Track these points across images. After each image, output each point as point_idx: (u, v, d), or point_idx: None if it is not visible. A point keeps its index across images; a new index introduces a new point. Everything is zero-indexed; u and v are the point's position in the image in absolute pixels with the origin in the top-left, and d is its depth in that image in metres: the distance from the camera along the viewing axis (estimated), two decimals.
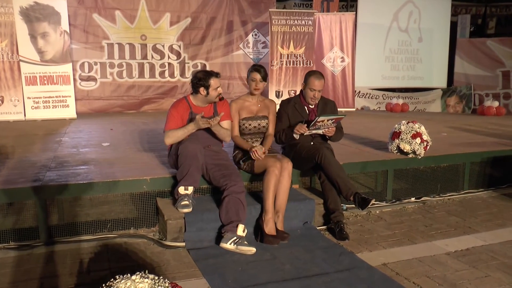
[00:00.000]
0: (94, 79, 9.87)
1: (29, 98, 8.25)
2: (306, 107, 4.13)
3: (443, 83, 13.64)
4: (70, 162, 4.35)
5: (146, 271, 2.04)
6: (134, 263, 3.15)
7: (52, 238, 3.49)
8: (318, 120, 3.83)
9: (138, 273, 2.00)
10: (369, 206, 3.64)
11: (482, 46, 13.47)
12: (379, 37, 12.52)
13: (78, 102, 9.26)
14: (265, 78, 3.86)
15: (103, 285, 1.98)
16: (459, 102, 13.69)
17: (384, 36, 12.57)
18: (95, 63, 9.88)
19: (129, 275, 1.99)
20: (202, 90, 3.72)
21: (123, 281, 1.95)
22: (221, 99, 3.82)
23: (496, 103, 10.89)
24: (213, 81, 3.70)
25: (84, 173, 3.87)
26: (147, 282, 1.95)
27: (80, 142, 5.69)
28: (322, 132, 3.99)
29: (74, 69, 9.27)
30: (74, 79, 9.30)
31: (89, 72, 9.83)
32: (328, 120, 3.91)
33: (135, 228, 3.73)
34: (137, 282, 1.94)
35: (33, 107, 8.30)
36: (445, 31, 13.27)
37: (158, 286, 1.95)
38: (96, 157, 4.65)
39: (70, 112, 8.51)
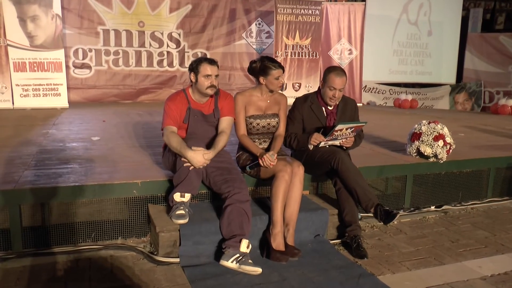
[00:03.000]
0: (89, 67, 9.39)
1: (17, 85, 7.76)
2: (324, 109, 3.61)
3: (452, 79, 13.22)
4: (53, 160, 3.87)
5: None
6: (120, 284, 2.68)
7: (27, 249, 3.02)
8: (336, 129, 3.36)
9: None
10: (393, 221, 3.17)
11: (494, 42, 13.01)
12: (388, 30, 12.07)
13: (71, 91, 8.81)
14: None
15: None
16: (468, 99, 13.28)
17: (393, 28, 12.12)
18: (90, 50, 9.39)
19: None
20: (192, 76, 3.24)
21: None
22: (217, 93, 3.32)
23: (511, 101, 10.41)
24: (204, 67, 3.19)
25: (67, 174, 3.40)
26: None
27: (69, 135, 5.21)
28: (340, 143, 3.51)
29: (67, 56, 8.80)
30: (67, 67, 8.83)
31: (83, 59, 9.35)
32: (347, 129, 3.43)
33: (123, 238, 3.27)
34: None
35: (22, 95, 7.81)
36: (455, 25, 12.83)
37: None
38: (83, 154, 4.17)
39: (61, 101, 8.02)
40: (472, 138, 6.19)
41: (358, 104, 9.74)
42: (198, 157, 3.01)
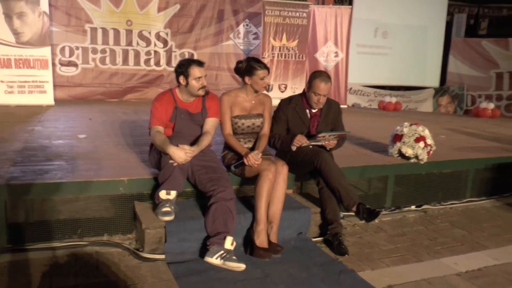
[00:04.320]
0: (75, 65, 9.33)
1: (2, 81, 7.70)
2: (308, 111, 3.69)
3: (435, 82, 13.39)
4: (39, 156, 3.89)
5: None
6: (105, 279, 2.73)
7: (13, 245, 3.05)
8: (319, 136, 3.49)
9: None
10: (375, 219, 3.27)
11: (477, 46, 13.23)
12: (374, 33, 12.17)
13: (57, 88, 8.74)
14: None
15: None
16: (451, 102, 13.46)
17: (379, 32, 12.23)
18: (77, 48, 9.33)
19: None
20: (182, 79, 3.28)
21: None
22: (206, 93, 3.38)
23: (491, 105, 10.65)
24: (194, 70, 3.25)
25: (54, 170, 3.43)
26: None
27: (55, 132, 5.22)
28: (322, 144, 3.60)
29: (53, 53, 8.73)
30: (54, 64, 8.77)
31: (70, 57, 9.29)
32: (330, 136, 3.54)
33: (109, 235, 3.31)
34: None
35: (6, 92, 7.75)
36: (440, 30, 13.01)
37: None
38: (69, 151, 4.19)
39: (47, 98, 7.98)
40: (453, 140, 6.33)
41: (343, 106, 9.93)
42: (180, 153, 3.07)
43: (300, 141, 3.48)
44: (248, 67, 3.40)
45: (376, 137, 5.84)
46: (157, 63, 10.10)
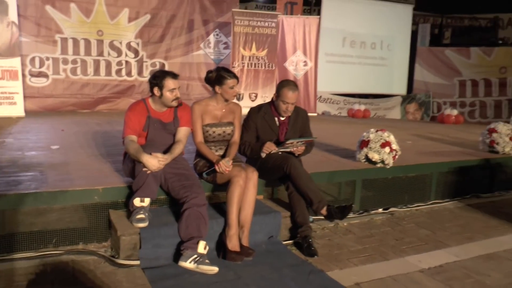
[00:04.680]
0: (46, 75, 9.29)
1: None
2: (277, 119, 3.84)
3: (403, 90, 13.81)
4: (12, 168, 3.91)
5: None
6: (81, 286, 2.78)
7: None
8: (287, 142, 3.65)
9: None
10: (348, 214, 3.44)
11: (441, 55, 13.72)
12: (342, 42, 12.50)
13: (28, 100, 8.68)
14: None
15: None
16: (418, 110, 13.88)
17: (347, 41, 12.56)
18: (47, 58, 9.31)
19: None
20: (156, 90, 3.38)
21: None
22: (180, 104, 3.49)
23: (455, 112, 11.06)
24: (168, 82, 3.35)
25: (28, 181, 3.46)
26: None
27: (27, 144, 5.22)
28: (291, 150, 3.74)
29: (23, 64, 8.68)
30: (23, 75, 8.72)
31: (40, 67, 9.25)
32: (298, 142, 3.70)
33: (84, 243, 3.36)
34: None
35: None
36: (406, 39, 13.45)
37: None
38: (43, 161, 4.22)
39: (17, 110, 7.95)
40: (419, 145, 6.59)
41: (312, 114, 10.15)
42: (153, 161, 3.16)
43: (269, 148, 3.62)
44: (218, 76, 3.52)
45: (344, 144, 6.03)
46: (129, 73, 10.14)
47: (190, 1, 10.57)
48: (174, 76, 3.39)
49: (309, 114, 9.93)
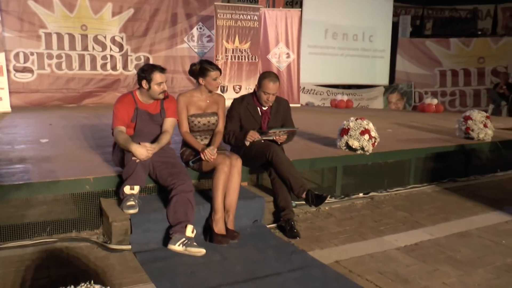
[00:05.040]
0: (31, 71, 9.33)
1: None
2: (259, 109, 4.01)
3: (385, 81, 14.05)
4: (3, 160, 4.02)
5: (92, 282, 1.87)
6: (76, 270, 2.93)
7: None
8: (270, 132, 3.82)
9: (83, 284, 1.83)
10: (324, 202, 3.62)
11: (422, 46, 13.99)
12: (324, 34, 12.67)
13: (13, 95, 8.71)
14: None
15: None
16: (401, 99, 14.15)
17: (329, 33, 12.74)
18: (32, 54, 9.34)
19: (72, 287, 1.82)
20: (144, 83, 3.53)
21: None
22: (166, 97, 3.64)
23: (435, 101, 11.32)
24: (156, 75, 3.50)
25: (20, 173, 3.59)
26: None
27: (16, 138, 5.32)
28: (273, 138, 3.92)
29: (7, 59, 8.69)
30: (8, 70, 8.73)
31: (24, 62, 9.28)
32: (280, 131, 3.87)
33: (77, 231, 3.50)
34: None
35: None
36: (387, 30, 13.66)
37: None
38: (33, 154, 4.34)
39: (3, 105, 7.99)
40: (399, 133, 6.82)
41: (296, 105, 10.32)
42: (142, 149, 3.33)
43: (253, 136, 3.79)
44: (201, 69, 3.68)
45: (326, 133, 6.22)
46: (114, 68, 10.21)
47: None
48: (162, 70, 3.54)
49: (293, 105, 10.17)
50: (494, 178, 6.01)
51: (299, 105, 10.90)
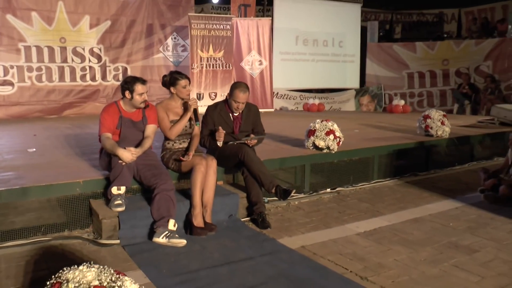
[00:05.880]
0: (11, 83, 9.56)
1: None
2: (231, 115, 4.43)
3: (356, 84, 14.61)
4: None
5: (91, 262, 2.25)
6: (72, 262, 3.22)
7: None
8: (241, 140, 4.30)
9: (84, 264, 2.21)
10: (290, 196, 4.04)
11: (389, 50, 14.63)
12: (295, 41, 13.16)
13: None
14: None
15: (53, 276, 2.16)
16: (371, 101, 14.74)
17: (300, 39, 13.24)
18: (11, 67, 9.56)
19: (75, 266, 2.20)
20: (127, 93, 3.91)
21: (71, 271, 2.16)
22: (147, 106, 4.02)
23: (402, 102, 11.91)
24: (138, 87, 3.89)
25: (14, 179, 3.92)
26: (93, 270, 2.17)
27: (3, 149, 5.62)
28: (245, 142, 4.34)
29: None
30: None
31: (4, 76, 9.50)
32: (250, 139, 4.34)
33: (69, 230, 3.84)
34: (84, 271, 2.15)
35: None
36: (356, 35, 14.24)
37: (104, 273, 2.17)
38: (24, 163, 4.67)
39: None
40: (364, 133, 7.31)
41: (269, 110, 10.75)
42: (127, 153, 3.71)
43: (219, 135, 4.22)
44: (171, 79, 4.11)
45: (296, 135, 6.66)
46: (93, 78, 10.49)
47: (148, 7, 11.00)
48: (143, 82, 3.95)
49: (266, 110, 10.59)
50: (452, 171, 6.54)
51: (272, 109, 11.35)
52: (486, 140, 7.39)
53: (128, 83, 3.89)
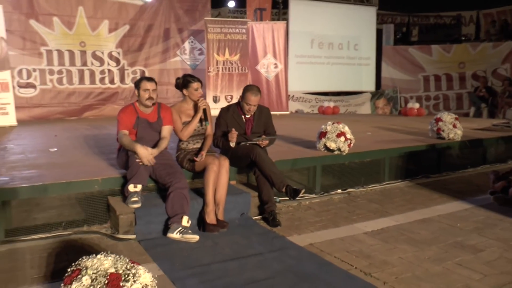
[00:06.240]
0: (34, 86, 9.88)
1: None
2: (243, 117, 4.58)
3: (371, 87, 14.66)
4: (20, 168, 4.56)
5: (108, 252, 2.42)
6: (91, 255, 3.47)
7: (9, 237, 3.74)
8: (253, 140, 4.44)
9: (102, 253, 2.38)
10: (299, 195, 4.17)
11: (405, 53, 14.65)
12: (310, 44, 13.28)
13: (17, 110, 9.19)
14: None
15: (73, 264, 2.34)
16: (387, 104, 14.76)
17: (315, 43, 13.36)
18: (34, 70, 9.90)
19: (94, 255, 2.37)
20: (136, 91, 4.16)
21: (89, 260, 2.33)
22: (153, 103, 4.17)
23: (417, 105, 11.93)
24: (143, 83, 4.12)
25: (37, 176, 4.13)
26: (110, 259, 2.33)
27: (26, 148, 5.86)
28: (256, 142, 4.47)
29: (11, 76, 9.21)
30: (12, 86, 9.24)
31: (28, 79, 9.83)
32: (262, 138, 4.47)
33: (88, 226, 4.03)
34: (102, 260, 2.32)
35: None
36: (371, 38, 14.30)
37: (120, 262, 2.34)
38: (45, 161, 4.89)
39: (10, 119, 8.52)
40: (377, 135, 7.40)
41: (285, 112, 10.87)
42: (144, 150, 3.90)
43: (232, 135, 4.36)
44: (184, 82, 4.29)
45: (309, 137, 6.76)
46: (112, 81, 10.78)
47: (165, 11, 11.26)
48: (148, 79, 4.17)
49: (281, 112, 10.71)
50: (464, 174, 6.58)
51: (288, 112, 11.48)
52: (500, 143, 7.40)
53: (136, 82, 4.14)
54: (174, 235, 3.70)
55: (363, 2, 14.12)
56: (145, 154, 3.89)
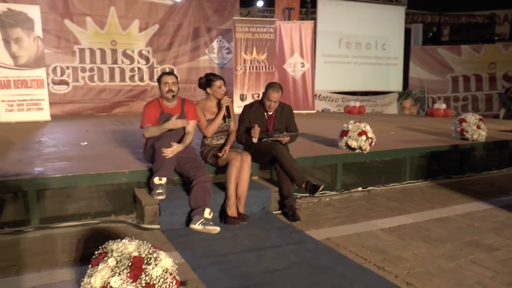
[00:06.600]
0: (67, 83, 10.28)
1: (3, 101, 8.61)
2: (265, 114, 4.73)
3: (398, 87, 14.58)
4: (54, 159, 4.83)
5: (132, 237, 2.59)
6: None
7: (42, 225, 3.98)
8: (274, 136, 4.57)
9: (127, 238, 2.56)
10: (319, 191, 4.28)
11: (434, 53, 14.51)
12: (338, 44, 13.32)
13: (51, 105, 9.58)
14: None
15: (99, 247, 2.52)
16: (414, 105, 14.66)
17: (343, 42, 13.38)
18: (67, 67, 10.29)
19: (119, 239, 2.55)
20: (158, 86, 4.37)
21: (115, 243, 2.51)
22: (173, 96, 4.34)
23: (443, 106, 11.83)
24: (163, 77, 4.34)
25: (69, 167, 4.37)
26: (134, 244, 2.51)
27: (59, 142, 6.15)
28: (278, 139, 4.59)
29: (46, 73, 9.60)
30: (47, 83, 9.64)
31: (61, 76, 10.23)
32: (283, 134, 4.60)
33: (115, 215, 4.25)
34: (126, 244, 2.50)
35: (7, 110, 8.65)
36: (399, 38, 14.22)
37: (143, 247, 2.51)
38: (77, 154, 5.14)
39: (44, 114, 8.90)
40: (400, 135, 7.42)
41: (311, 111, 10.95)
42: (177, 122, 4.19)
43: (255, 131, 4.50)
44: (207, 80, 4.46)
45: (332, 135, 6.85)
46: (141, 79, 11.09)
47: (194, 11, 11.51)
48: (167, 73, 4.39)
49: (307, 111, 10.79)
50: (487, 175, 6.54)
51: (314, 111, 11.56)
52: None
53: (158, 78, 4.39)
54: (196, 226, 3.86)
55: (392, 2, 14.05)
56: (177, 122, 4.18)
